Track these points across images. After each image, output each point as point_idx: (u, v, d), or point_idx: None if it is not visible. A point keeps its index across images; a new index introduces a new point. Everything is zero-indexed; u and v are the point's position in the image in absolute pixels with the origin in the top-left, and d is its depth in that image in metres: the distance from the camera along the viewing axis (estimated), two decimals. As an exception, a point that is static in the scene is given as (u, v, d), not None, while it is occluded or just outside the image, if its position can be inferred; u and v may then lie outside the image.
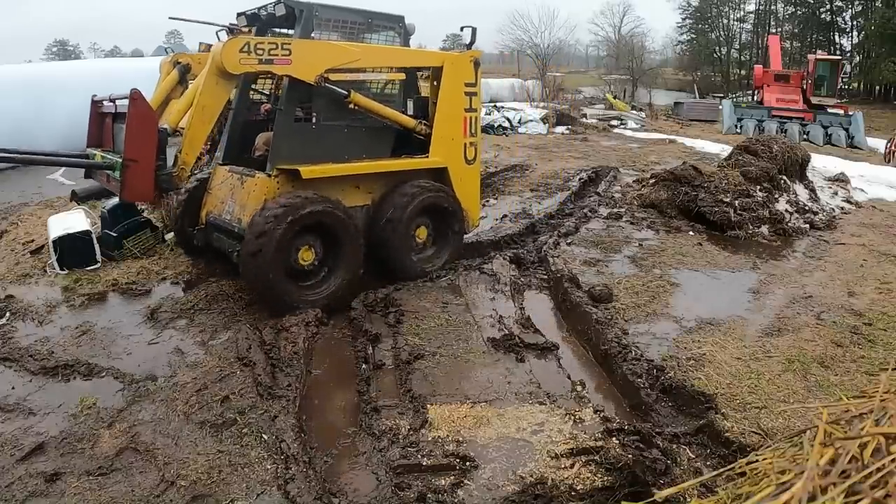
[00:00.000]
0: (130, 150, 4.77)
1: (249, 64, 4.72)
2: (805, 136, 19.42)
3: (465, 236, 6.35)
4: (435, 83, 5.89)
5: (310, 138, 5.24)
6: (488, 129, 19.19)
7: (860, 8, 42.11)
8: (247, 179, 5.29)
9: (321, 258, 5.06)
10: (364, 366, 4.17)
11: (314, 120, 5.33)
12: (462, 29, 6.26)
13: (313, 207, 4.80)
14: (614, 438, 3.30)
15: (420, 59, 6.18)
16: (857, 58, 42.85)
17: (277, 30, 5.80)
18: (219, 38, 5.01)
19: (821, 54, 24.90)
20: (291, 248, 4.82)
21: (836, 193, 9.69)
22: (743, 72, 46.08)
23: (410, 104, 5.95)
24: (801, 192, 8.76)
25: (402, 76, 5.94)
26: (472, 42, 6.16)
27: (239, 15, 5.66)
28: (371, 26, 5.63)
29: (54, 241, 5.95)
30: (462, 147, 6.04)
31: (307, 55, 4.93)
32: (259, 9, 5.48)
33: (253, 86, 6.15)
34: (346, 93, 5.22)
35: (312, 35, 5.28)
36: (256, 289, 4.83)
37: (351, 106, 5.33)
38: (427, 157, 5.81)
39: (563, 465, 3.10)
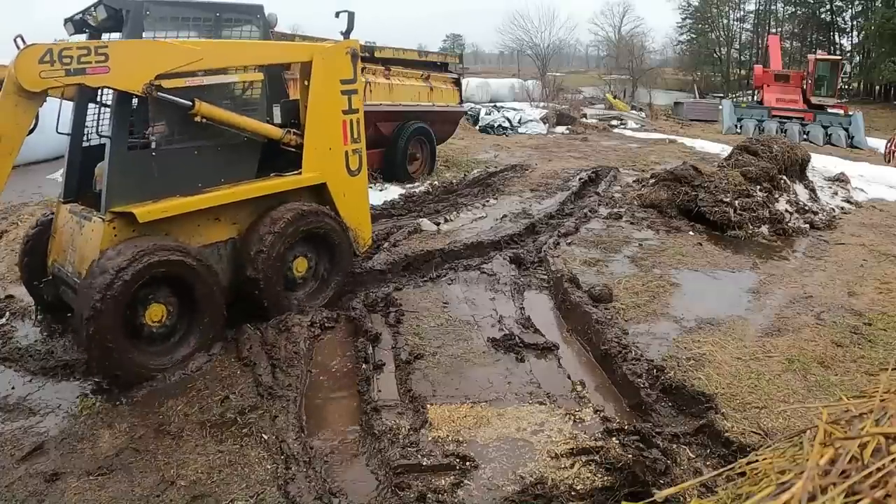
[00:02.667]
0: None
1: (54, 77, 3.69)
2: (805, 136, 19.42)
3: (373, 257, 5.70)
4: (305, 83, 5.00)
5: (150, 169, 4.25)
6: (488, 129, 19.24)
7: (860, 8, 42.12)
8: (84, 223, 4.33)
9: (175, 315, 4.21)
10: (364, 366, 4.17)
11: (154, 144, 4.37)
12: (338, 14, 5.31)
13: (154, 258, 3.91)
14: (614, 438, 3.30)
15: (281, 54, 5.23)
16: (857, 58, 42.85)
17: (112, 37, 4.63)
18: (17, 47, 3.85)
19: (821, 54, 24.89)
20: (133, 308, 3.98)
21: (836, 193, 9.69)
22: (743, 72, 46.07)
23: (278, 111, 5.03)
24: (801, 192, 8.76)
25: (261, 76, 4.90)
26: (350, 29, 5.30)
27: (66, 22, 4.60)
28: (221, 21, 4.75)
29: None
30: (343, 156, 5.15)
31: (129, 59, 3.99)
32: (84, 12, 4.42)
33: (95, 100, 4.79)
34: (189, 103, 4.26)
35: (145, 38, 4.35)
36: (95, 360, 3.87)
37: (198, 119, 4.35)
38: (300, 173, 4.92)
39: (563, 465, 3.11)
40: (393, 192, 9.37)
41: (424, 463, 3.12)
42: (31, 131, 4.00)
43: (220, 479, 3.08)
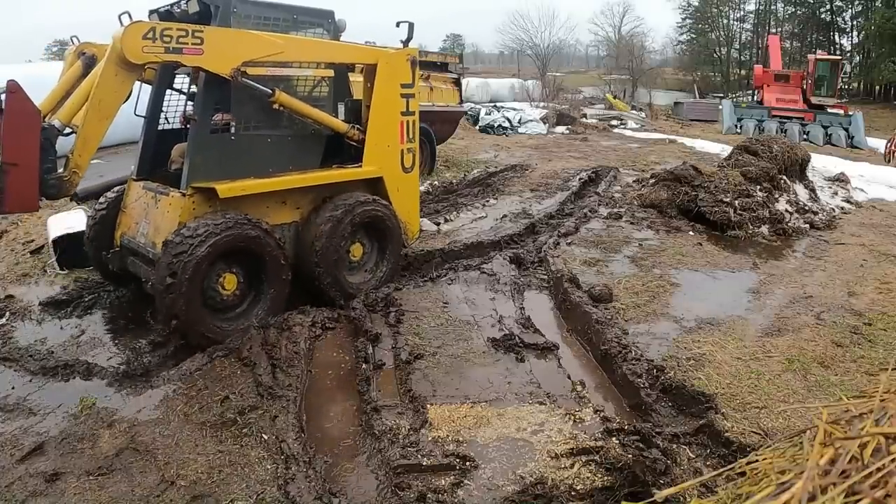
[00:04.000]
0: (9, 152, 4.05)
1: (154, 53, 4.11)
2: (805, 136, 19.43)
3: (410, 249, 5.96)
4: (369, 84, 5.40)
5: (229, 151, 4.71)
6: (488, 129, 19.24)
7: (860, 8, 42.12)
8: (161, 198, 4.73)
9: (244, 286, 4.58)
10: (364, 366, 4.17)
11: (233, 130, 4.80)
12: (398, 24, 5.67)
13: (234, 231, 4.29)
14: (614, 438, 3.30)
15: (351, 55, 5.63)
16: (857, 58, 42.85)
17: None
18: (121, 23, 4.28)
19: (821, 54, 24.88)
20: (210, 277, 4.34)
21: (836, 193, 9.69)
22: (743, 72, 46.07)
23: (342, 108, 5.44)
24: (801, 192, 8.76)
25: (331, 73, 5.39)
26: (409, 38, 5.64)
27: (151, 13, 5.04)
28: (297, 23, 5.22)
29: (54, 241, 5.95)
30: (399, 154, 5.58)
31: (222, 45, 4.39)
32: (172, 5, 4.91)
33: (172, 86, 5.42)
34: (270, 91, 4.69)
35: None
36: (172, 324, 4.21)
37: (275, 107, 4.81)
38: (360, 166, 5.34)
39: (563, 465, 3.11)
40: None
41: (424, 463, 3.12)
42: (126, 100, 4.40)
43: (220, 479, 3.08)
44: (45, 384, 4.06)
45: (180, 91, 5.45)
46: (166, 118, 5.38)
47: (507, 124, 19.48)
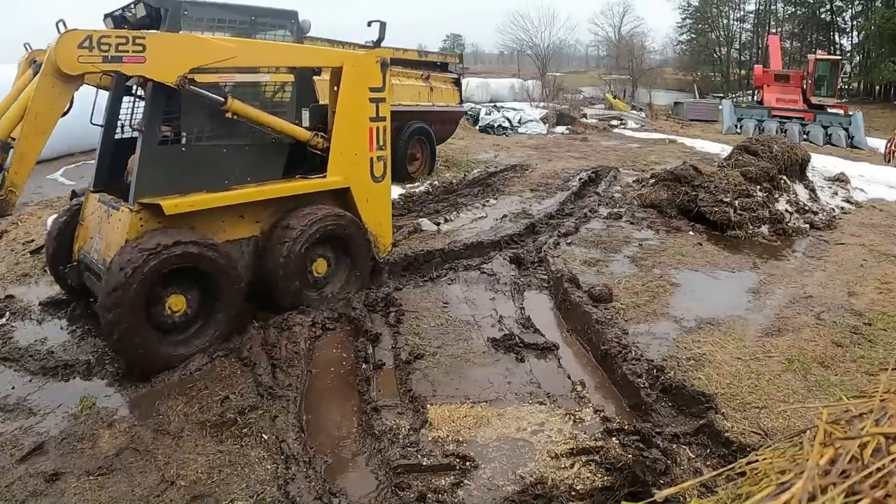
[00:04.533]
0: None
1: (91, 62, 3.85)
2: (805, 136, 19.42)
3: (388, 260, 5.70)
4: (335, 88, 5.09)
5: (180, 163, 4.41)
6: (488, 128, 19.25)
7: (860, 8, 42.11)
8: (112, 212, 4.48)
9: (195, 307, 4.30)
10: (364, 366, 4.17)
11: (185, 141, 4.49)
12: (370, 24, 5.36)
13: (178, 250, 4.03)
14: (614, 438, 3.30)
15: (313, 58, 5.28)
16: (857, 58, 42.85)
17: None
18: (58, 31, 3.99)
19: (821, 54, 24.88)
20: (155, 299, 4.08)
21: (836, 193, 9.69)
22: (743, 72, 46.07)
23: (306, 115, 5.11)
24: (801, 192, 8.76)
25: (290, 77, 5.08)
26: (381, 39, 5.36)
27: (105, 17, 4.80)
28: (256, 25, 4.90)
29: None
30: (368, 163, 5.25)
31: (166, 51, 4.11)
32: (123, 9, 4.63)
33: (131, 93, 5.08)
34: (222, 99, 4.41)
35: None
36: (116, 348, 4.02)
37: (228, 116, 4.51)
38: (325, 176, 5.04)
39: (563, 465, 3.11)
40: (393, 192, 9.32)
41: (424, 463, 3.12)
42: (65, 114, 4.18)
43: (220, 479, 3.08)
44: (45, 384, 4.06)
45: (140, 97, 5.05)
46: (122, 126, 5.04)
47: (507, 124, 19.48)
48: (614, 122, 22.88)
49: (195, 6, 4.49)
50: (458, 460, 3.15)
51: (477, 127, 19.30)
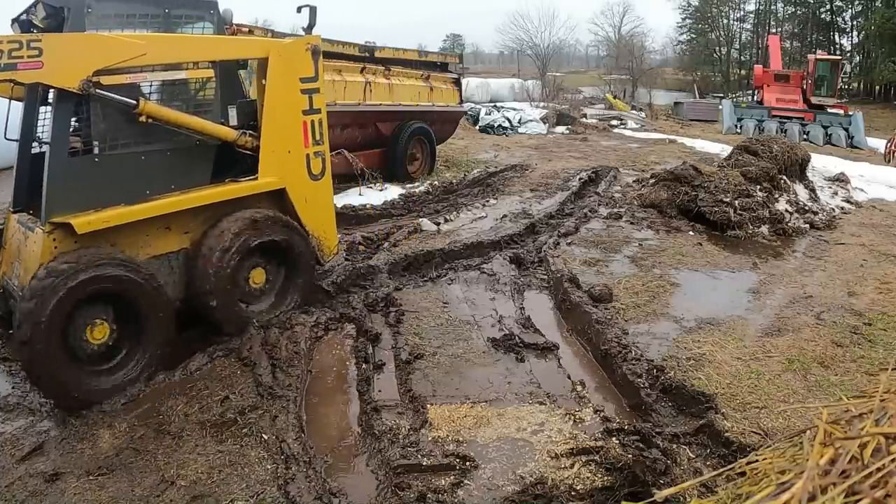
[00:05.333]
0: None
1: None
2: (805, 136, 19.41)
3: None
4: (262, 81, 4.70)
5: (94, 176, 3.98)
6: (488, 129, 19.24)
7: (860, 8, 42.10)
8: (29, 234, 4.07)
9: (119, 333, 3.93)
10: (364, 366, 4.17)
11: (97, 150, 4.05)
12: (300, 10, 5.02)
13: (92, 273, 3.64)
14: (614, 438, 3.30)
15: (234, 50, 4.84)
16: (857, 58, 42.84)
17: None
18: None
19: (821, 54, 24.88)
20: (72, 327, 3.70)
21: (836, 193, 9.69)
22: (743, 72, 46.05)
23: (233, 112, 4.71)
24: (801, 192, 8.76)
25: (211, 73, 4.61)
26: (312, 24, 5.00)
27: (13, 22, 4.39)
28: (171, 18, 4.46)
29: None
30: (303, 160, 4.84)
31: (64, 54, 3.72)
32: (27, 12, 4.21)
33: (48, 103, 4.45)
34: (134, 102, 4.01)
35: None
36: (36, 384, 3.72)
37: (143, 119, 4.10)
38: (255, 178, 4.63)
39: (563, 465, 3.11)
40: (393, 192, 9.37)
41: (424, 463, 3.12)
42: None
43: (220, 479, 3.08)
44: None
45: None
46: (40, 140, 4.48)
47: (507, 124, 19.47)
48: (614, 122, 22.87)
49: (100, 2, 4.05)
50: (458, 460, 3.15)
51: (477, 127, 19.30)
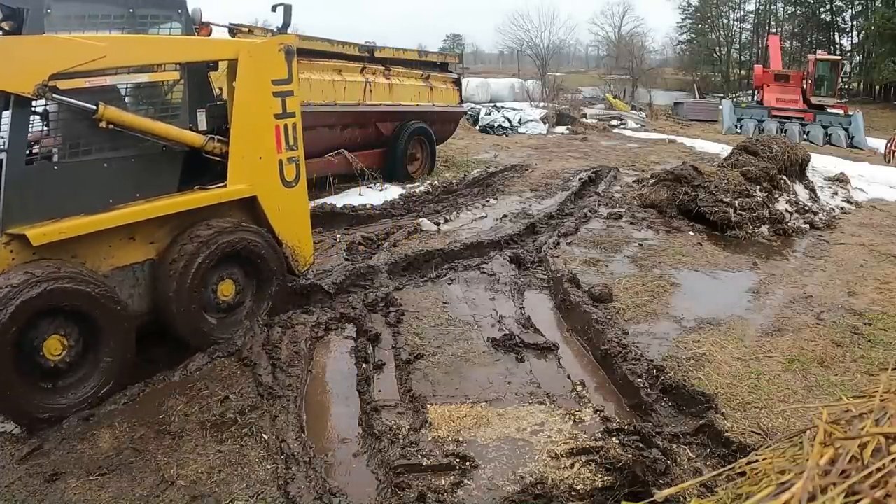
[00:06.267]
0: None
1: None
2: (805, 136, 19.42)
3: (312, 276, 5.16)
4: (233, 84, 4.49)
5: (53, 184, 3.78)
6: (488, 129, 19.25)
7: (860, 8, 42.11)
8: None
9: (78, 348, 3.71)
10: (364, 366, 4.17)
11: (56, 157, 3.88)
12: (274, 8, 4.85)
13: (44, 288, 3.43)
14: (614, 438, 3.30)
15: (201, 51, 4.59)
16: (857, 58, 42.84)
17: None
18: None
19: (821, 54, 24.90)
20: (26, 344, 3.49)
21: (836, 193, 9.70)
22: (743, 72, 46.05)
23: (202, 116, 4.49)
24: (801, 192, 8.76)
25: (176, 76, 4.39)
26: (287, 24, 4.83)
27: None
28: (136, 18, 4.28)
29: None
30: (276, 166, 4.62)
31: (17, 57, 3.57)
32: None
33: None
34: (92, 107, 3.80)
35: None
36: None
37: (103, 125, 3.88)
38: (224, 185, 4.40)
39: (563, 465, 3.11)
40: (393, 192, 9.37)
41: (424, 463, 3.12)
42: None
43: (220, 479, 3.08)
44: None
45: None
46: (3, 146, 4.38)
47: (507, 124, 19.47)
48: (614, 122, 22.87)
49: (60, 3, 3.86)
50: (458, 460, 3.15)
51: (477, 127, 19.30)
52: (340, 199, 8.41)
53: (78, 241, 3.81)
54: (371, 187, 9.40)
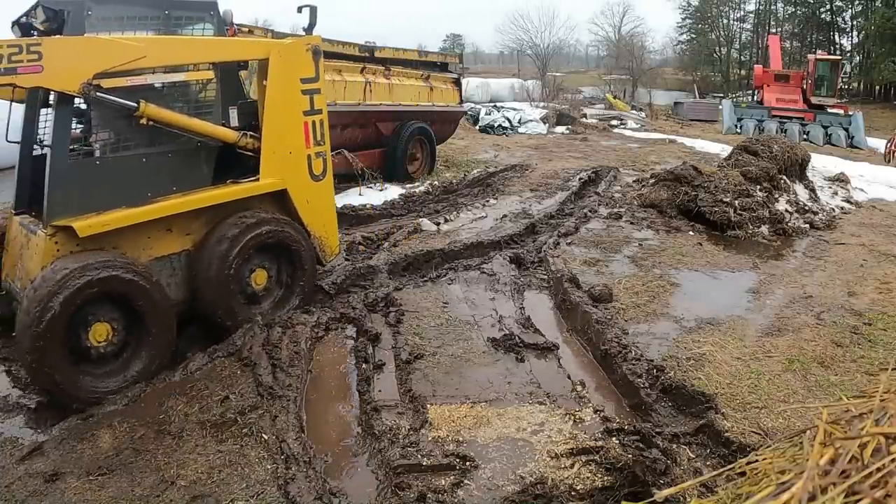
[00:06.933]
0: None
1: None
2: (805, 136, 19.42)
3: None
4: (263, 82, 4.72)
5: (95, 178, 4.01)
6: (488, 129, 19.25)
7: (860, 8, 42.10)
8: (31, 237, 4.12)
9: (122, 334, 3.95)
10: (364, 366, 4.17)
11: (98, 153, 4.11)
12: (300, 10, 5.05)
13: (91, 276, 3.64)
14: (614, 438, 3.30)
15: (234, 51, 4.85)
16: (857, 58, 42.84)
17: None
18: None
19: (821, 54, 24.88)
20: (74, 330, 3.71)
21: (836, 193, 9.70)
22: (743, 72, 46.06)
23: (234, 113, 4.74)
24: (801, 192, 8.76)
25: (210, 75, 4.63)
26: (312, 24, 5.01)
27: (13, 25, 4.42)
28: (171, 19, 4.49)
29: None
30: (305, 161, 4.84)
31: (65, 57, 3.75)
32: (27, 15, 4.22)
33: (49, 105, 4.49)
34: (134, 105, 4.03)
35: None
36: (38, 386, 3.75)
37: (144, 122, 4.13)
38: (257, 179, 4.63)
39: (563, 465, 3.11)
40: (393, 192, 9.38)
41: (424, 463, 3.12)
42: None
43: (220, 479, 3.08)
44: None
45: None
46: (41, 142, 4.53)
47: (507, 124, 19.48)
48: (614, 122, 22.88)
49: (99, 5, 4.06)
50: (458, 460, 3.15)
51: (477, 127, 19.30)
52: (340, 199, 8.39)
53: (119, 233, 4.01)
54: (371, 187, 9.40)
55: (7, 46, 3.54)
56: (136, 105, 4.05)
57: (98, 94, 3.90)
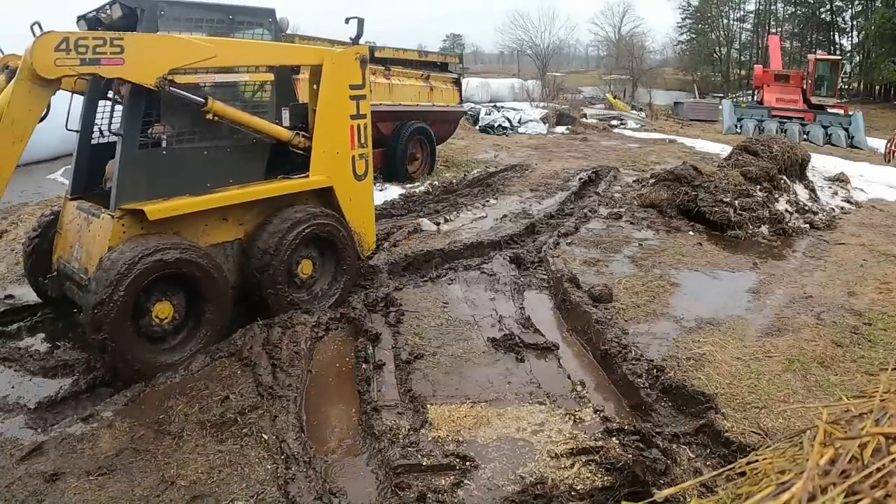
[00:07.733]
0: None
1: (69, 65, 3.75)
2: (805, 136, 19.43)
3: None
4: (315, 86, 5.05)
5: (161, 167, 4.32)
6: (488, 129, 19.26)
7: (860, 8, 42.09)
8: (92, 220, 4.41)
9: (182, 313, 4.24)
10: (364, 366, 4.17)
11: (165, 144, 4.40)
12: (347, 21, 5.40)
13: (159, 257, 3.93)
14: (614, 438, 3.30)
15: (293, 56, 5.31)
16: (857, 58, 42.83)
17: None
18: (33, 34, 3.86)
19: (821, 54, 24.89)
20: (142, 308, 4.01)
21: (836, 193, 9.70)
22: (743, 72, 46.05)
23: (286, 114, 5.04)
24: (801, 192, 8.76)
25: (270, 77, 4.98)
26: (359, 35, 5.38)
27: (79, 19, 4.70)
28: (234, 24, 4.82)
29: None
30: (350, 161, 5.20)
31: (144, 52, 4.03)
32: (98, 10, 4.52)
33: (107, 96, 4.96)
34: (202, 100, 4.32)
35: None
36: (106, 364, 3.94)
37: (209, 117, 4.41)
38: (307, 176, 4.96)
39: (563, 465, 3.11)
40: (393, 192, 9.38)
41: (424, 463, 3.12)
42: (42, 119, 4.07)
43: (220, 479, 3.08)
44: (45, 384, 4.05)
45: (116, 101, 4.91)
46: (100, 131, 4.95)
47: (507, 124, 19.49)
48: (614, 122, 22.89)
49: (172, 6, 4.38)
50: (458, 460, 3.15)
51: (477, 127, 19.31)
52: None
53: (181, 219, 4.32)
54: (371, 187, 9.39)
55: (93, 38, 3.82)
56: (203, 101, 4.32)
57: (171, 88, 4.15)
